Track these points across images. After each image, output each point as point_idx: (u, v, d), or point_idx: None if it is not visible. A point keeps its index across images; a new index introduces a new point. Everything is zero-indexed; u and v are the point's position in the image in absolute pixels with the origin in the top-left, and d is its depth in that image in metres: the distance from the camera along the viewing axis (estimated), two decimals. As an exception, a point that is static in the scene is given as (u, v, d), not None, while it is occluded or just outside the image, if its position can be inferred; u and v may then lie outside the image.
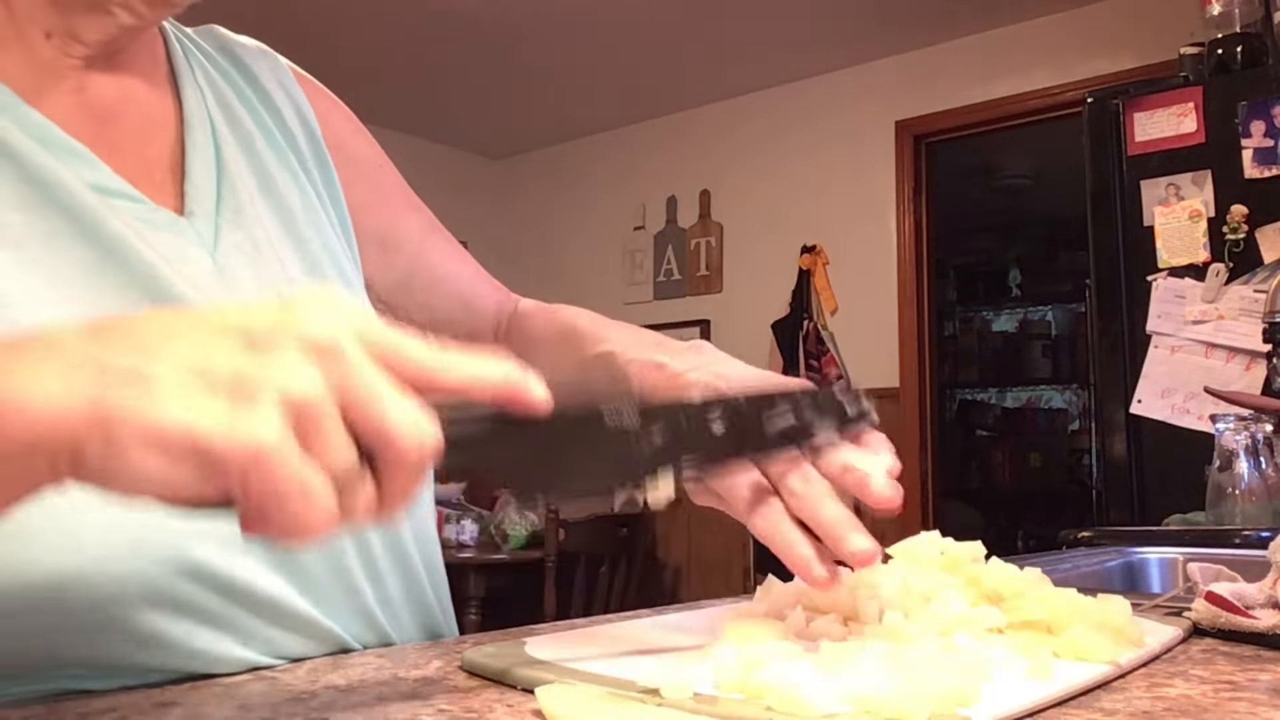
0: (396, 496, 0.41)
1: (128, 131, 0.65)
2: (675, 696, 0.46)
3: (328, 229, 0.75)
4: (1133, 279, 2.32)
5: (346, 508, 0.39)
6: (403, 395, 0.40)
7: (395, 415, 0.39)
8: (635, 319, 4.12)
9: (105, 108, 0.64)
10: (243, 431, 0.35)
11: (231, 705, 0.50)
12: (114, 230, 0.58)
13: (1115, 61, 3.71)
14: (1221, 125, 2.23)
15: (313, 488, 0.37)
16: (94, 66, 0.64)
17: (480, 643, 0.64)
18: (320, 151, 0.79)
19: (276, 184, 0.72)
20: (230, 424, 0.35)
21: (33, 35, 0.61)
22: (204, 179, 0.66)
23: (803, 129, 4.52)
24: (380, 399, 0.39)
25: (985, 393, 6.46)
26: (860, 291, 4.28)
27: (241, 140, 0.71)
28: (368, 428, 0.39)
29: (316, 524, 0.37)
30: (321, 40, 4.06)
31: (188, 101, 0.69)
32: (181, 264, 0.61)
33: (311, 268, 0.71)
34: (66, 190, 0.58)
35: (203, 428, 0.35)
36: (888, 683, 0.45)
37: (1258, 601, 0.69)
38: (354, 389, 0.39)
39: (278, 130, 0.75)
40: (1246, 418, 1.53)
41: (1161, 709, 0.49)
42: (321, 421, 0.38)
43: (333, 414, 0.38)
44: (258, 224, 0.68)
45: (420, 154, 5.27)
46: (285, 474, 0.36)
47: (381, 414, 0.39)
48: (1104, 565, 1.30)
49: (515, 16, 3.92)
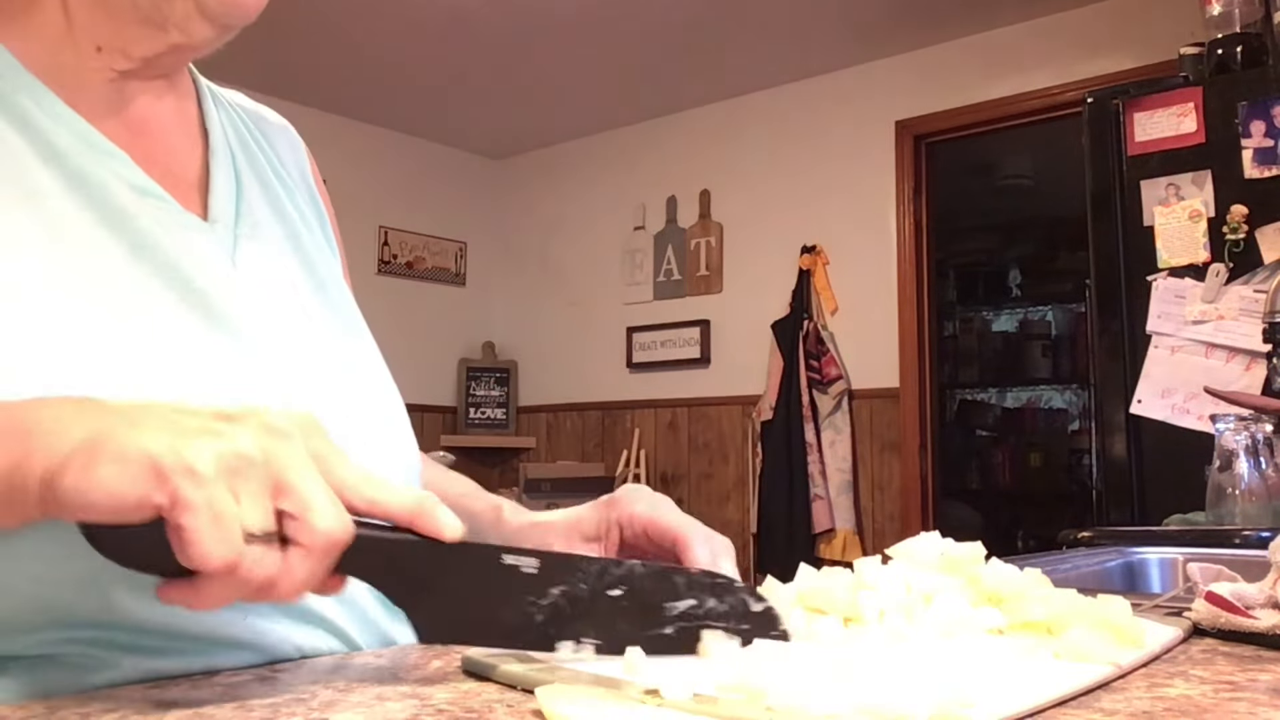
0: (297, 577, 0.47)
1: (158, 145, 0.69)
2: (675, 696, 0.46)
3: (331, 261, 0.81)
4: (1133, 279, 2.32)
5: (250, 566, 0.45)
6: (329, 489, 0.48)
7: (318, 498, 0.47)
8: (635, 319, 4.13)
9: (139, 121, 0.69)
10: (185, 455, 0.44)
11: (231, 705, 0.50)
12: (145, 226, 0.63)
13: (1115, 61, 3.71)
14: (1221, 125, 2.23)
15: (226, 513, 0.44)
16: (131, 86, 0.68)
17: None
18: (320, 213, 0.84)
19: (287, 210, 0.77)
20: (179, 450, 0.44)
21: (85, 46, 0.65)
22: (225, 195, 0.71)
23: (803, 129, 4.52)
24: (307, 481, 0.47)
25: (985, 393, 6.46)
26: (860, 291, 4.28)
27: (258, 175, 0.76)
28: (291, 502, 0.46)
29: (221, 553, 0.44)
30: (322, 40, 4.06)
31: (213, 132, 0.74)
32: (204, 262, 0.65)
33: (318, 287, 0.76)
34: (105, 187, 0.62)
35: (157, 448, 0.44)
36: (888, 683, 0.45)
37: (1258, 601, 0.69)
38: (289, 467, 0.46)
39: (288, 177, 0.81)
40: (1246, 418, 1.53)
41: (1161, 709, 0.49)
42: (251, 474, 0.46)
43: (263, 477, 0.46)
44: (271, 243, 0.73)
45: (420, 154, 5.27)
46: (206, 493, 0.44)
47: (306, 492, 0.46)
48: (1104, 565, 1.30)
49: (516, 17, 3.92)
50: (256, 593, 0.47)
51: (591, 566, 0.55)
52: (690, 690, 0.46)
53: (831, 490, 4.16)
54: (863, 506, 4.22)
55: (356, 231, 4.78)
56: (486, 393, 5.32)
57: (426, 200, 5.27)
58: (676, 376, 4.81)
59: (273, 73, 4.21)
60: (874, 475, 4.23)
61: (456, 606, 0.53)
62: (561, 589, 0.54)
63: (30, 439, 0.46)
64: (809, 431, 4.19)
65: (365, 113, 4.91)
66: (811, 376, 4.24)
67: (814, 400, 4.23)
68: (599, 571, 0.55)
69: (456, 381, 5.29)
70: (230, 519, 0.44)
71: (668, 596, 0.56)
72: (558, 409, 5.28)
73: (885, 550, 0.66)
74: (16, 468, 0.46)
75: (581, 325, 5.19)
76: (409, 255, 5.16)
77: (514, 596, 0.53)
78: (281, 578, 0.46)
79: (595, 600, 0.55)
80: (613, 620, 0.55)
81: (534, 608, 0.54)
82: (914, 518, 4.07)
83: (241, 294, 0.67)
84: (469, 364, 5.32)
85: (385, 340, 0.88)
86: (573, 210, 5.31)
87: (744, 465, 4.52)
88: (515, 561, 0.53)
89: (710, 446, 4.68)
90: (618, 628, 0.55)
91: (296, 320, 0.71)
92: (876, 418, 4.23)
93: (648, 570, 0.56)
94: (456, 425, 5.24)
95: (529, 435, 5.34)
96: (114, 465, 0.44)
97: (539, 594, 0.54)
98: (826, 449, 4.19)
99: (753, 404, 4.45)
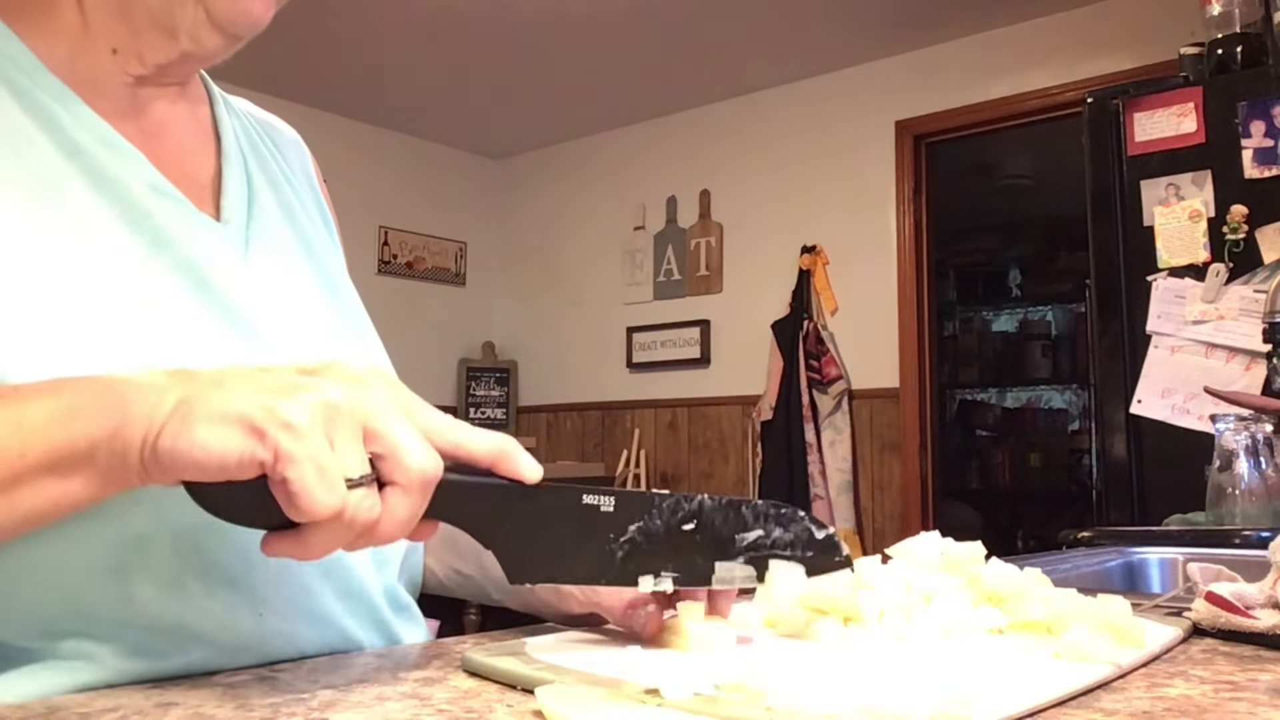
0: (398, 518, 0.49)
1: (172, 148, 0.71)
2: (675, 696, 0.46)
3: (339, 263, 0.83)
4: (1133, 279, 2.32)
5: (353, 511, 0.47)
6: (417, 430, 0.49)
7: (407, 439, 0.49)
8: (635, 319, 4.13)
9: (154, 125, 0.71)
10: (280, 411, 0.46)
11: (231, 705, 0.50)
12: (162, 223, 0.65)
13: (1115, 61, 3.70)
14: (1221, 125, 2.22)
15: (326, 464, 0.46)
16: (146, 90, 0.70)
17: (480, 643, 0.64)
18: (326, 216, 0.85)
19: (296, 212, 0.79)
20: (271, 407, 0.46)
21: (101, 49, 0.67)
22: (237, 196, 0.73)
23: (803, 129, 4.52)
24: (396, 424, 0.49)
25: (985, 393, 6.45)
26: (860, 291, 4.28)
27: (269, 178, 0.78)
28: (383, 445, 0.48)
29: (327, 501, 0.45)
30: (322, 40, 4.06)
31: (225, 136, 0.76)
32: (217, 260, 0.67)
33: (328, 287, 0.78)
34: (124, 185, 0.65)
35: (252, 406, 0.46)
36: (888, 683, 0.45)
37: (1258, 601, 0.69)
38: (376, 412, 0.48)
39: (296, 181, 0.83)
40: (1246, 418, 1.53)
41: (1161, 709, 0.49)
42: (343, 421, 0.47)
43: (353, 422, 0.48)
44: (281, 243, 0.75)
45: (420, 154, 5.27)
46: (307, 445, 0.46)
47: (396, 435, 0.48)
48: (1104, 565, 1.30)
49: (515, 16, 3.92)
50: (358, 538, 0.48)
51: (664, 502, 0.58)
52: (690, 690, 0.46)
53: (831, 490, 4.16)
54: (863, 506, 4.22)
55: (356, 231, 4.78)
56: (486, 393, 5.32)
57: (426, 200, 5.27)
58: (676, 376, 4.80)
59: (273, 73, 4.21)
60: (874, 475, 4.23)
61: (540, 545, 0.55)
62: (638, 525, 0.57)
63: (127, 406, 0.48)
64: (809, 431, 4.19)
65: (365, 113, 4.91)
66: (811, 376, 4.24)
67: (814, 400, 4.23)
68: (671, 507, 0.58)
69: (456, 381, 5.29)
70: (332, 468, 0.46)
71: (737, 528, 0.59)
72: (558, 409, 5.28)
73: (885, 550, 0.66)
74: (116, 434, 0.48)
75: (581, 325, 5.19)
76: (409, 255, 5.16)
77: (594, 534, 0.56)
78: (383, 519, 0.48)
79: (670, 535, 0.57)
80: (687, 553, 0.58)
81: (613, 544, 0.56)
82: (914, 518, 4.07)
83: (253, 291, 0.68)
84: (469, 364, 5.32)
85: (385, 340, 0.89)
86: (573, 210, 5.31)
87: (744, 465, 4.52)
88: (594, 501, 0.56)
89: (710, 446, 4.68)
90: (693, 560, 0.58)
91: (306, 318, 0.73)
92: (876, 418, 4.23)
93: (716, 504, 0.59)
94: (456, 425, 5.24)
95: (529, 435, 5.34)
96: (212, 425, 0.46)
97: (618, 531, 0.56)
98: (826, 449, 4.19)
99: (753, 404, 4.45)
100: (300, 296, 0.74)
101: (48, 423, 0.48)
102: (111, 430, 0.48)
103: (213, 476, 0.46)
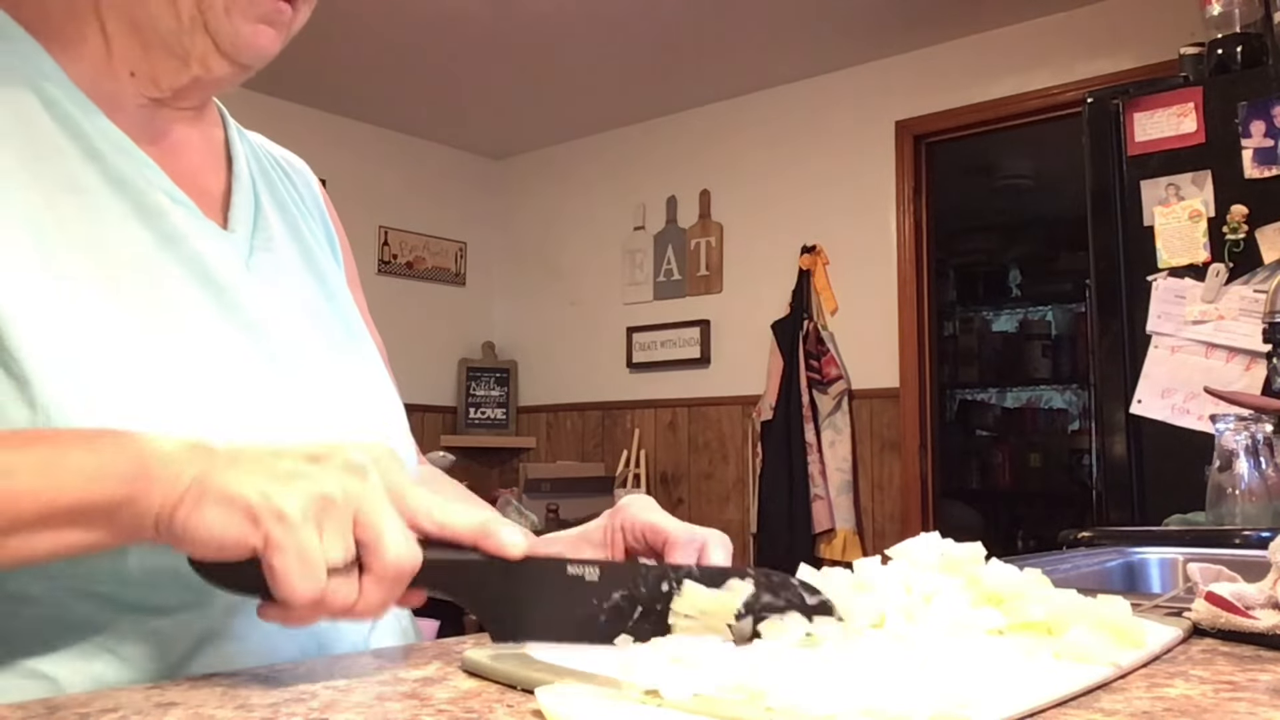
0: (372, 602, 0.53)
1: (184, 165, 0.75)
2: (675, 696, 0.46)
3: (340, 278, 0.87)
4: (1133, 279, 2.32)
5: (331, 597, 0.52)
6: (401, 523, 0.54)
7: (390, 531, 0.53)
8: (635, 319, 4.12)
9: (170, 145, 0.75)
10: (275, 501, 0.51)
11: (231, 705, 0.50)
12: (173, 224, 0.70)
13: (1115, 61, 3.70)
14: (1221, 125, 2.22)
15: (311, 554, 0.51)
16: (164, 113, 0.75)
17: (480, 643, 0.64)
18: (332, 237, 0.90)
19: (301, 231, 0.84)
20: (270, 495, 0.51)
21: (121, 72, 0.72)
22: (244, 210, 0.78)
23: (803, 129, 4.52)
24: (383, 516, 0.53)
25: (985, 393, 6.45)
26: (860, 291, 4.28)
27: (276, 200, 0.83)
28: (367, 535, 0.53)
29: (306, 589, 0.51)
30: (322, 41, 4.06)
31: (236, 159, 0.81)
32: (221, 262, 0.72)
33: (328, 297, 0.82)
34: (138, 187, 0.70)
35: (252, 494, 0.51)
36: (888, 684, 0.45)
37: (1258, 602, 0.69)
38: (368, 504, 0.53)
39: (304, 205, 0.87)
40: (1246, 418, 1.53)
41: (1161, 709, 0.49)
42: (334, 513, 0.52)
43: (344, 515, 0.52)
44: (284, 255, 0.79)
45: (420, 154, 5.27)
46: (295, 537, 0.50)
47: (379, 526, 0.53)
48: (1104, 565, 1.30)
49: (516, 17, 3.92)
50: (338, 614, 0.53)
51: (650, 573, 0.58)
52: (690, 690, 0.46)
53: (831, 490, 4.15)
54: (863, 506, 4.22)
55: (356, 231, 4.75)
56: (486, 393, 5.32)
57: (426, 200, 5.27)
58: (676, 376, 4.80)
59: (273, 73, 4.19)
60: (874, 475, 4.23)
61: (524, 612, 0.57)
62: (622, 593, 0.58)
63: (150, 476, 0.53)
64: (809, 431, 4.19)
65: (365, 113, 4.91)
66: (811, 376, 4.24)
67: (814, 400, 4.23)
68: (658, 577, 0.58)
69: (456, 381, 5.29)
70: (315, 558, 0.51)
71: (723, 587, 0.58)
72: (558, 409, 5.28)
73: (885, 550, 0.66)
74: (137, 501, 0.53)
75: (581, 325, 5.19)
76: (409, 255, 5.16)
77: (579, 601, 0.57)
78: (360, 602, 0.53)
79: (654, 600, 0.58)
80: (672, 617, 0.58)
81: (597, 609, 0.57)
82: (914, 518, 4.07)
83: (254, 291, 0.73)
84: (469, 364, 5.32)
85: (385, 340, 0.89)
86: (573, 210, 5.31)
87: (744, 465, 4.51)
88: (578, 572, 0.58)
89: (710, 446, 4.68)
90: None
91: (303, 322, 0.76)
92: (876, 418, 4.23)
93: (704, 573, 0.59)
94: (456, 425, 5.24)
95: (529, 435, 5.34)
96: (217, 508, 0.51)
97: (602, 597, 0.57)
98: (826, 449, 4.19)
99: (753, 404, 4.45)
100: (299, 299, 0.78)
101: (80, 476, 0.54)
102: (134, 497, 0.53)
103: (212, 556, 0.52)
